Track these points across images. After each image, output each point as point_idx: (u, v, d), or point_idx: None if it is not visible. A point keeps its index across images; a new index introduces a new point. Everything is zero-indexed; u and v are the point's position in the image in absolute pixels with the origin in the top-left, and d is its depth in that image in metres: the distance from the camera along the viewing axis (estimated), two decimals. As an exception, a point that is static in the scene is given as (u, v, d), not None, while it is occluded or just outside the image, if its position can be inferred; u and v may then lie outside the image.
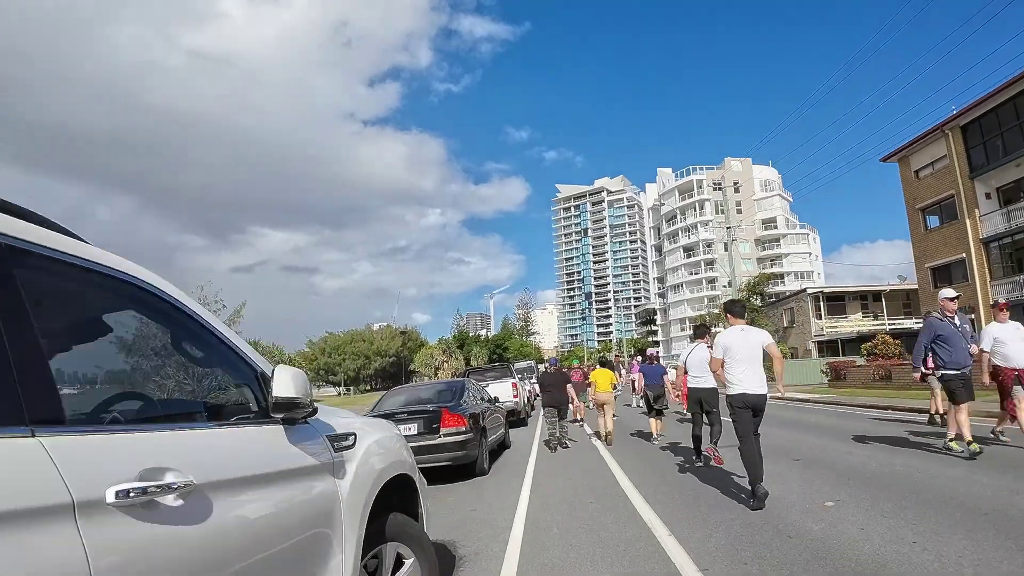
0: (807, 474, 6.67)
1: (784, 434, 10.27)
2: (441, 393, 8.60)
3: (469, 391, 8.91)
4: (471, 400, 8.68)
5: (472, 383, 9.75)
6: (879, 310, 41.04)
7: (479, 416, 8.29)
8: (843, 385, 23.01)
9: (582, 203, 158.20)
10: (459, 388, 8.62)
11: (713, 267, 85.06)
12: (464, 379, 9.39)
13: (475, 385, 9.84)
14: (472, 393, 9.14)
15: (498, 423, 9.97)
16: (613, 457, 8.92)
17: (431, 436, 7.48)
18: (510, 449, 10.82)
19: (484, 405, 9.20)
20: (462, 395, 8.45)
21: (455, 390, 8.54)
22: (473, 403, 8.61)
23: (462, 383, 8.93)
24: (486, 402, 9.75)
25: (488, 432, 8.79)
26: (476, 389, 9.69)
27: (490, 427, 8.99)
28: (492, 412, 9.56)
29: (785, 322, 43.01)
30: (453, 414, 7.60)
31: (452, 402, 8.08)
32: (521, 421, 15.41)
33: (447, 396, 8.40)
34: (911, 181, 29.67)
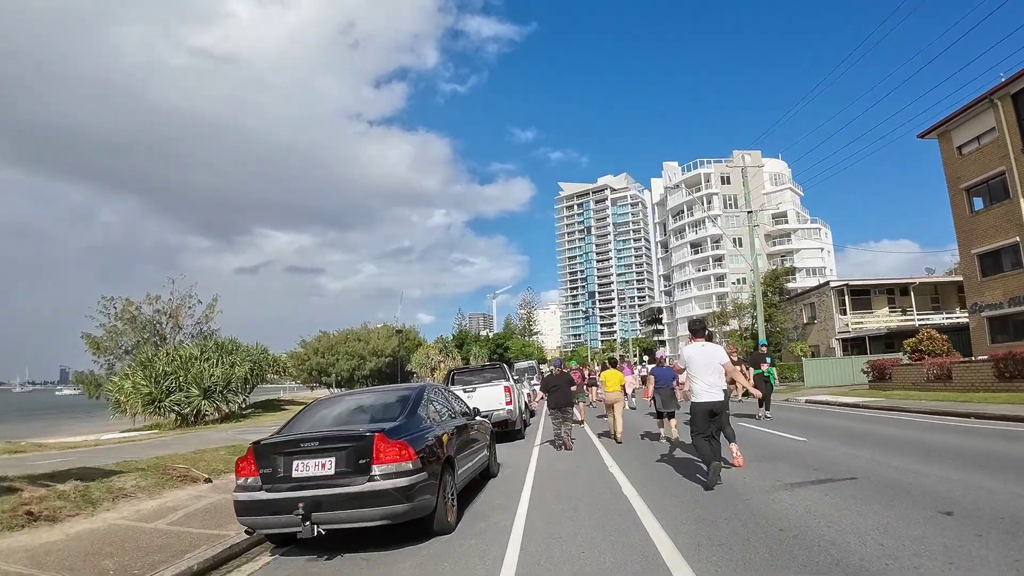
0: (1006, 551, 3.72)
1: (888, 460, 7.32)
2: (386, 407, 5.71)
3: (430, 403, 6.03)
4: (432, 416, 5.82)
5: (439, 390, 6.84)
6: (907, 304, 38.01)
7: (442, 441, 5.44)
8: (889, 386, 20.07)
9: (585, 201, 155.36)
10: (413, 399, 5.74)
11: (722, 263, 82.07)
12: (425, 384, 6.46)
13: (444, 393, 6.93)
14: (437, 405, 6.28)
15: (479, 445, 7.11)
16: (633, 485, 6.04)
17: (355, 479, 4.66)
18: (497, 478, 7.96)
19: (455, 422, 6.34)
20: (416, 409, 5.57)
21: (406, 401, 5.65)
22: (434, 421, 5.75)
23: (420, 390, 6.03)
24: (461, 415, 6.90)
25: (460, 462, 5.94)
26: (445, 398, 6.79)
27: (463, 454, 6.15)
28: (469, 431, 6.69)
29: (805, 318, 40.03)
30: (393, 442, 4.75)
31: (396, 421, 5.22)
32: (516, 433, 12.51)
33: (392, 411, 5.53)
34: (953, 158, 26.71)
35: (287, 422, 5.77)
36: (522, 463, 9.04)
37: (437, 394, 6.52)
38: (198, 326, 34.33)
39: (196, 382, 21.64)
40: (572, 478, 7.48)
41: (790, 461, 7.48)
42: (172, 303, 33.18)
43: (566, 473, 7.89)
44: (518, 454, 10.19)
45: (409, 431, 5.03)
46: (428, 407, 5.83)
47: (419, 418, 5.46)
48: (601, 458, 9.02)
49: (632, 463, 8.25)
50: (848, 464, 7.06)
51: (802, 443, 9.03)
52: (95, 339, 32.72)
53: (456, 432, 6.10)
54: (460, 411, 7.07)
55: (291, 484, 4.74)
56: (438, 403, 6.34)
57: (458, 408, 7.07)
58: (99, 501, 7.20)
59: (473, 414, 7.36)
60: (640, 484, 6.66)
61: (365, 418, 5.53)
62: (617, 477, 7.26)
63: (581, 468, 8.23)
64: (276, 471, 4.82)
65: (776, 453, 8.19)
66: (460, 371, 14.54)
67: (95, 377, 31.70)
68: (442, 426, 5.81)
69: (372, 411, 5.63)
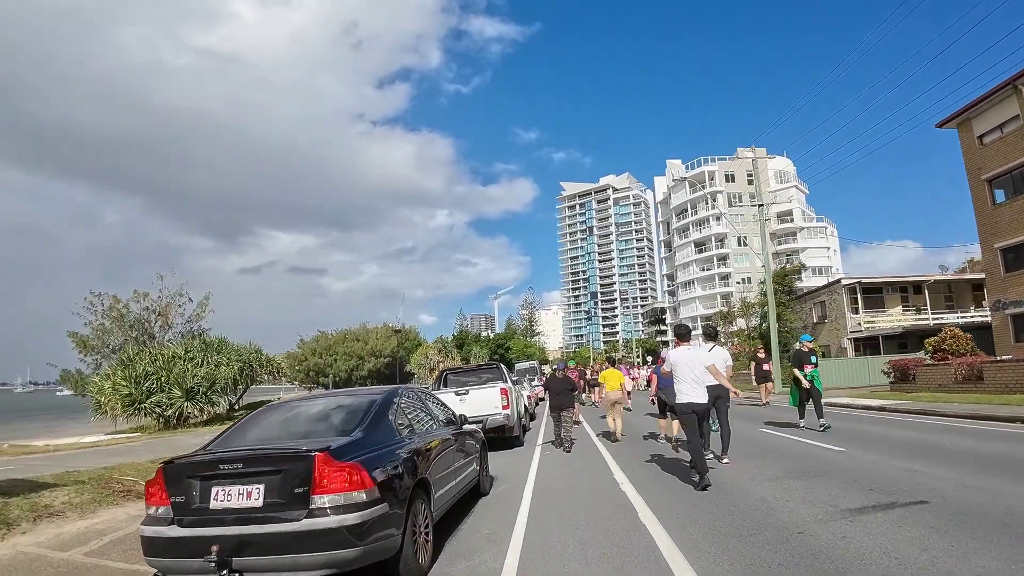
0: None
1: (954, 476, 6.12)
2: (344, 416, 4.50)
3: (402, 410, 4.84)
4: (403, 427, 4.65)
5: (416, 395, 5.59)
6: (921, 303, 36.76)
7: (414, 460, 4.29)
8: (912, 388, 18.84)
9: (587, 201, 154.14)
10: (377, 406, 4.54)
11: (726, 262, 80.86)
12: (398, 388, 5.17)
13: (422, 398, 5.70)
14: (412, 413, 5.11)
15: (465, 460, 5.93)
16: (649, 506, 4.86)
17: (290, 514, 3.52)
18: (490, 496, 6.79)
19: (435, 434, 5.18)
20: (380, 419, 4.40)
21: (367, 409, 4.46)
22: (405, 433, 4.57)
23: (388, 395, 4.79)
24: (444, 424, 5.74)
25: (439, 484, 4.78)
26: (423, 404, 5.58)
27: (443, 474, 4.98)
28: (453, 444, 5.52)
29: (815, 317, 38.78)
30: (342, 464, 3.60)
31: (351, 435, 4.04)
32: (514, 439, 11.31)
33: (349, 421, 4.34)
34: (974, 148, 25.49)
35: (222, 432, 4.61)
36: (519, 476, 7.88)
37: (413, 399, 5.32)
38: (188, 325, 33.27)
39: (178, 383, 20.50)
40: (577, 497, 6.31)
41: (837, 478, 6.30)
42: (161, 301, 32.12)
43: (570, 490, 6.73)
44: (515, 464, 9.02)
45: (366, 448, 3.86)
46: (398, 416, 4.65)
47: (384, 430, 4.29)
48: (608, 468, 7.85)
49: (643, 474, 7.08)
50: (909, 482, 5.88)
51: (842, 454, 7.85)
52: (82, 337, 31.68)
53: (435, 446, 4.94)
54: (444, 419, 5.91)
55: (208, 518, 3.60)
56: (413, 410, 5.17)
57: (441, 415, 5.90)
58: (16, 522, 6.07)
59: (460, 422, 6.20)
60: (658, 504, 5.49)
61: (319, 429, 4.36)
62: (629, 495, 6.09)
63: (587, 482, 7.06)
64: (191, 500, 3.68)
65: (817, 467, 7.01)
66: (453, 371, 13.34)
67: (82, 376, 30.62)
68: (416, 439, 4.64)
69: (326, 421, 4.45)
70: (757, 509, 5.22)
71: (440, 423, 5.64)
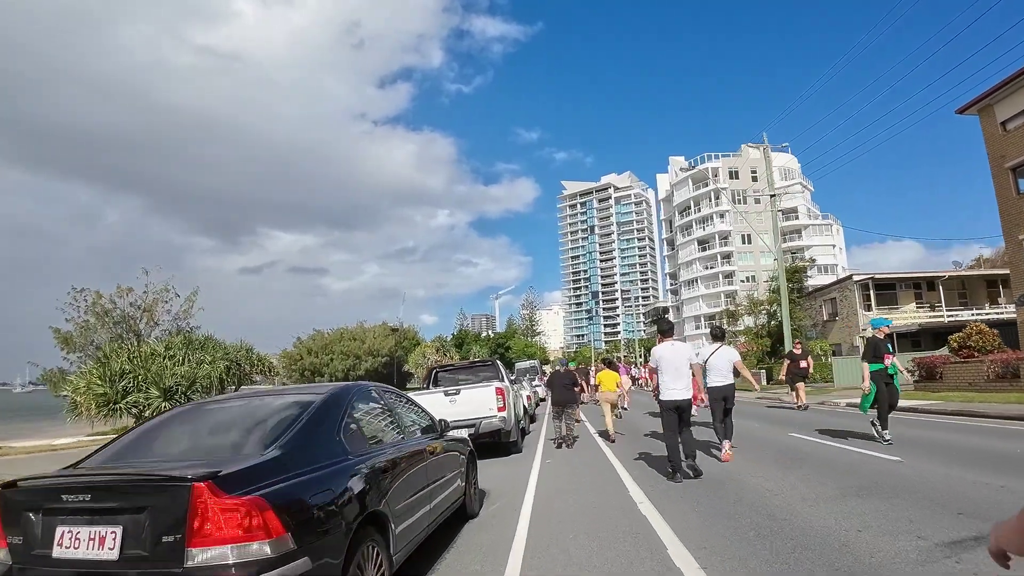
0: None
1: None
2: (264, 426, 3.20)
3: (351, 417, 3.54)
4: (352, 439, 3.36)
5: (378, 395, 4.27)
6: (935, 300, 35.50)
7: (357, 492, 3.04)
8: (939, 387, 17.59)
9: (588, 200, 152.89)
10: (313, 411, 3.23)
11: (730, 260, 79.58)
12: (349, 387, 3.88)
13: (386, 399, 4.36)
14: (369, 419, 3.86)
15: (445, 477, 4.67)
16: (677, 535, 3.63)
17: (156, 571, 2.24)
18: (478, 519, 5.54)
19: (403, 446, 3.92)
20: (312, 432, 3.10)
21: (293, 418, 3.13)
22: (347, 453, 3.22)
23: (331, 396, 3.47)
24: (418, 432, 4.50)
25: (404, 515, 3.53)
26: (387, 408, 4.26)
27: (411, 499, 3.74)
28: (426, 458, 4.25)
29: (825, 315, 37.52)
30: (234, 499, 2.34)
31: (260, 456, 2.77)
32: (511, 445, 10.03)
33: (262, 436, 3.04)
34: (996, 135, 24.23)
35: (108, 443, 3.36)
36: (516, 492, 6.64)
37: (372, 401, 4.05)
38: (175, 322, 32.05)
39: (155, 382, 19.29)
40: (587, 522, 5.07)
41: (908, 497, 5.06)
42: (147, 296, 30.89)
43: (577, 512, 5.49)
44: (512, 476, 7.77)
45: (282, 473, 2.62)
46: (347, 424, 3.37)
47: (321, 445, 3.04)
48: (621, 481, 6.62)
49: (663, 491, 5.84)
50: (998, 502, 4.67)
51: (900, 465, 6.61)
52: (64, 334, 30.48)
53: (402, 463, 3.69)
54: (419, 426, 4.67)
55: (50, 570, 2.40)
56: (372, 416, 3.92)
57: (415, 422, 4.66)
58: None
59: (441, 429, 4.95)
60: (692, 535, 4.26)
61: (229, 443, 3.10)
62: (652, 521, 4.86)
63: (597, 502, 5.82)
64: (31, 542, 2.51)
65: (878, 483, 5.76)
66: (445, 368, 12.06)
67: (62, 375, 29.41)
68: (373, 456, 3.40)
69: (242, 431, 3.17)
70: (827, 544, 3.97)
71: (412, 431, 4.39)
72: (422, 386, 11.03)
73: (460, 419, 9.00)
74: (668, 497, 5.67)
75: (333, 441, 3.09)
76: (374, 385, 4.32)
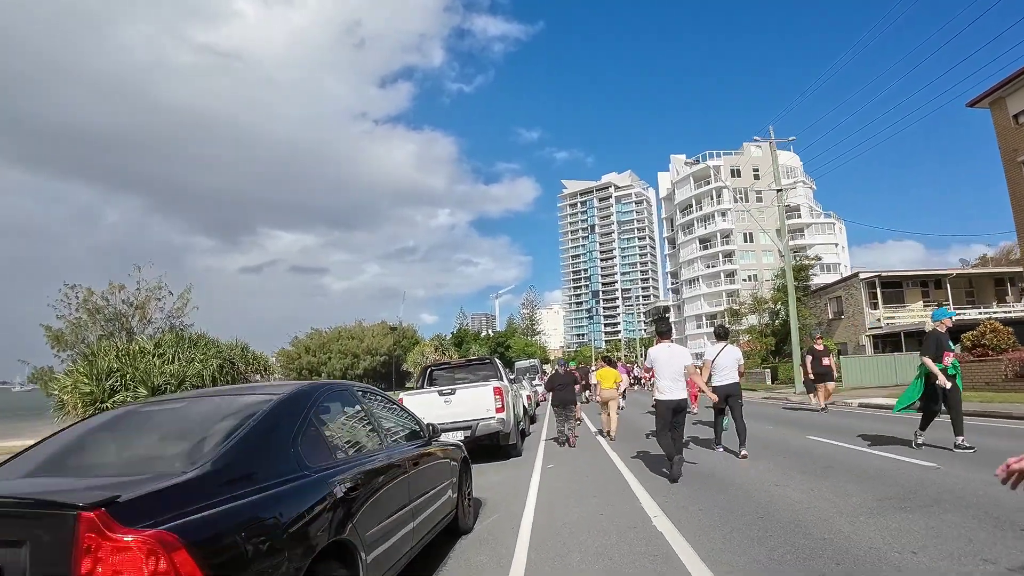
0: None
1: None
2: (203, 434, 2.56)
3: (309, 426, 2.82)
4: (301, 456, 2.63)
5: (349, 397, 3.58)
6: (942, 298, 34.89)
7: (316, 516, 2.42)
8: (953, 387, 16.95)
9: (589, 199, 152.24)
10: (259, 419, 2.53)
11: (732, 259, 78.97)
12: (312, 386, 3.12)
13: (364, 405, 3.68)
14: (334, 427, 3.23)
15: (431, 491, 4.05)
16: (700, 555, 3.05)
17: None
18: (472, 535, 4.94)
19: (372, 462, 3.25)
20: (259, 443, 2.45)
21: (234, 427, 2.46)
22: (305, 468, 2.55)
23: (287, 398, 2.81)
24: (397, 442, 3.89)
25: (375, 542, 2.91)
26: (364, 413, 3.62)
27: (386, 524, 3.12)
28: (406, 473, 3.59)
29: (831, 313, 36.92)
30: (133, 537, 1.72)
31: (184, 474, 2.11)
32: (511, 448, 9.41)
33: (197, 447, 2.41)
34: (1009, 129, 23.62)
35: (17, 453, 2.75)
36: (515, 500, 6.04)
37: (340, 404, 3.39)
38: (169, 320, 31.45)
39: (143, 380, 18.68)
40: (594, 538, 4.48)
41: (957, 510, 4.46)
42: (139, 294, 30.28)
43: (584, 525, 4.89)
44: (511, 483, 7.17)
45: (203, 499, 2.00)
46: (303, 433, 2.72)
47: (263, 460, 2.41)
48: (629, 488, 6.02)
49: (678, 500, 5.24)
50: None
51: (936, 472, 6.01)
52: (55, 332, 29.90)
53: (379, 478, 3.09)
54: (401, 431, 4.07)
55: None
56: (342, 422, 3.31)
57: (398, 427, 4.07)
58: None
59: (428, 435, 4.35)
60: (716, 556, 3.66)
61: (159, 455, 2.50)
62: (669, 537, 4.26)
63: (605, 511, 5.23)
64: None
65: (918, 492, 5.16)
66: (440, 367, 11.43)
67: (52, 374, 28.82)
68: (341, 470, 2.78)
69: (177, 439, 2.56)
70: (879, 571, 3.37)
71: (394, 438, 3.79)
72: (416, 385, 10.43)
73: (455, 421, 8.42)
74: (686, 511, 5.06)
75: (286, 453, 2.48)
76: (348, 385, 3.70)
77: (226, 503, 2.04)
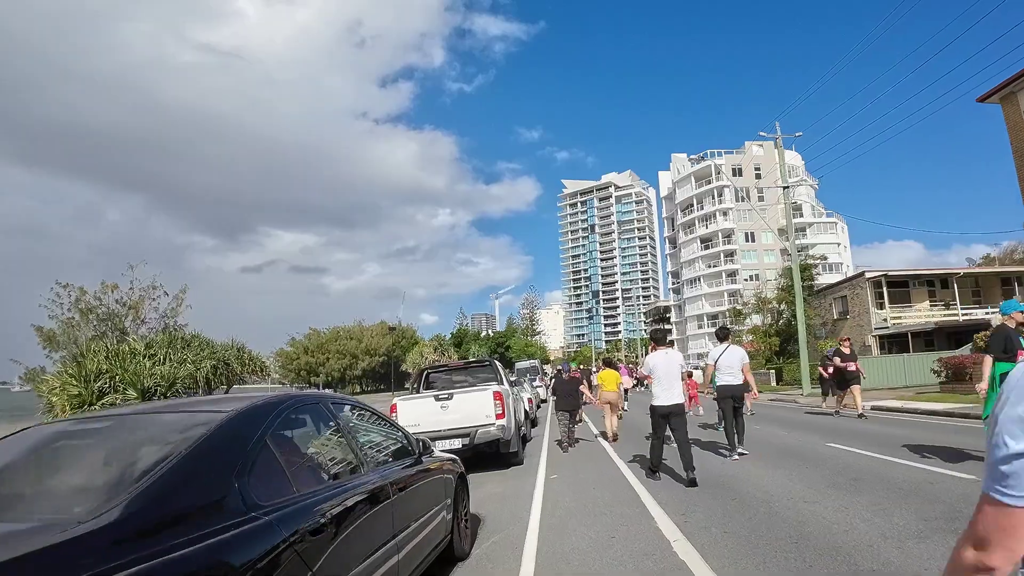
0: None
1: None
2: (122, 467, 1.99)
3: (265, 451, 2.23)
4: (250, 490, 2.02)
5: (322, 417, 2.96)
6: (949, 298, 34.37)
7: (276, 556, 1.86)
8: (968, 389, 16.42)
9: (589, 199, 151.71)
10: (198, 445, 1.98)
11: (734, 258, 78.46)
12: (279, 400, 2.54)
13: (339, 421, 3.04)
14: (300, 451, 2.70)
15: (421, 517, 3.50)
16: None
17: None
18: (468, 562, 4.40)
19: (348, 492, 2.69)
20: (182, 481, 1.83)
21: (160, 461, 1.86)
22: (257, 507, 2.02)
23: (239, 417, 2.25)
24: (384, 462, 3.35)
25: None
26: (338, 431, 3.01)
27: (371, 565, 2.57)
28: (389, 500, 3.01)
29: (835, 313, 36.37)
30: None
31: (48, 537, 1.47)
32: (512, 456, 8.85)
33: (94, 493, 1.78)
34: (1020, 124, 23.11)
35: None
36: (517, 520, 5.50)
37: (306, 423, 2.83)
38: (163, 320, 30.91)
39: (133, 382, 18.12)
40: (609, 568, 3.94)
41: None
42: (133, 293, 29.74)
43: (596, 551, 4.36)
44: (512, 498, 6.63)
45: (102, 562, 1.46)
46: (254, 463, 2.11)
47: (195, 500, 1.85)
48: (641, 503, 5.48)
49: (699, 519, 4.71)
50: None
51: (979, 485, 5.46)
52: (48, 332, 29.38)
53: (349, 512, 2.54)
54: (386, 450, 3.52)
55: None
56: (306, 445, 2.77)
57: (378, 445, 3.51)
58: None
59: (418, 452, 3.80)
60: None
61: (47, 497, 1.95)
62: (695, 568, 3.73)
63: (618, 532, 4.70)
64: None
65: (970, 510, 4.61)
66: (437, 369, 10.87)
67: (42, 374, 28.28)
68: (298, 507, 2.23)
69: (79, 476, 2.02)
70: None
71: (375, 459, 3.24)
72: (411, 388, 9.87)
73: (453, 428, 7.88)
74: (708, 532, 4.52)
75: (228, 490, 1.94)
76: (320, 397, 3.09)
77: (136, 565, 1.51)
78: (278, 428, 2.37)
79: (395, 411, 8.02)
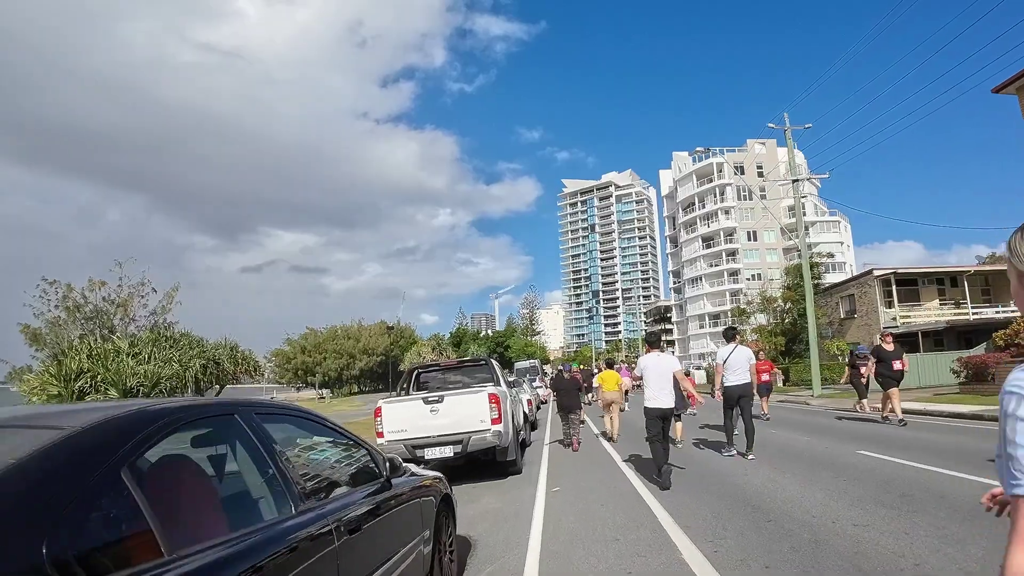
0: None
1: None
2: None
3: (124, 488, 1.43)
4: (92, 560, 1.27)
5: (235, 433, 2.03)
6: (959, 296, 33.60)
7: None
8: (990, 390, 15.65)
9: (589, 198, 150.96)
10: (14, 478, 1.26)
11: (735, 257, 77.65)
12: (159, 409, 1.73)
13: (263, 440, 2.08)
14: (194, 485, 1.89)
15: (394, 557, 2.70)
16: None
17: None
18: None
19: (286, 532, 1.90)
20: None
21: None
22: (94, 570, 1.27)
23: (69, 441, 1.40)
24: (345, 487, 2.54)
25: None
26: (259, 453, 2.07)
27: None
28: (342, 545, 2.21)
29: (842, 312, 35.58)
30: None
31: None
32: (509, 464, 8.03)
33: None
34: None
35: None
36: (515, 539, 4.71)
37: (205, 444, 2.04)
38: (153, 318, 30.12)
39: (115, 382, 17.35)
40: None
41: None
42: (121, 290, 28.95)
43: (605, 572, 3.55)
44: (508, 516, 5.81)
45: None
46: (87, 519, 1.31)
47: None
48: (659, 523, 4.69)
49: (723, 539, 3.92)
50: None
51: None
52: (34, 330, 28.62)
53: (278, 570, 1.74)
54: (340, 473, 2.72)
55: None
56: (195, 482, 1.94)
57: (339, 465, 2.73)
58: None
59: (388, 473, 2.98)
60: None
61: None
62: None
63: (634, 563, 3.90)
64: None
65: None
66: (429, 369, 10.03)
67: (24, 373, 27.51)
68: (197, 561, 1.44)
69: None
70: None
71: (323, 488, 2.44)
72: (398, 391, 9.04)
73: (443, 434, 7.08)
74: (748, 570, 3.71)
75: (23, 565, 1.14)
76: (232, 406, 2.12)
77: None
78: (142, 459, 1.55)
79: (379, 415, 7.23)
